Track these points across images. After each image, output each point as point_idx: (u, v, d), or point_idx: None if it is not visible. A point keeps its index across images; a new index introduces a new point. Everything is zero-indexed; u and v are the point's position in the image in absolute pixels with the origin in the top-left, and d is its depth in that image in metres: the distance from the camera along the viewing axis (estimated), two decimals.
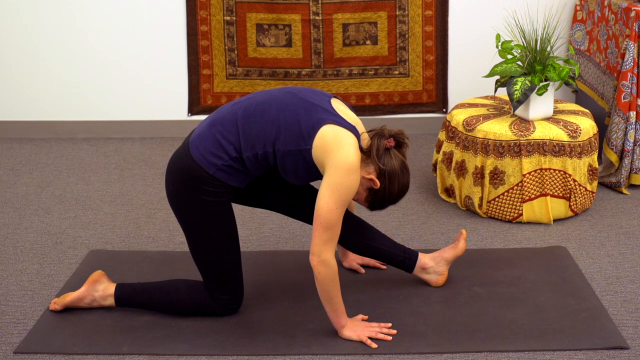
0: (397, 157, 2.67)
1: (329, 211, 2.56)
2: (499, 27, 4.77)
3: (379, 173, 2.65)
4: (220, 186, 2.68)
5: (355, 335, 2.74)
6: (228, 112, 2.71)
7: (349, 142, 2.59)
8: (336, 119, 2.62)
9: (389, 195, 2.69)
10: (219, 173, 2.66)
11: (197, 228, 2.72)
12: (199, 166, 2.65)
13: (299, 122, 2.62)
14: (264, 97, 2.71)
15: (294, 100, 2.67)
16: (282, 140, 2.62)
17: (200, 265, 2.80)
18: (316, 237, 2.59)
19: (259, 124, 2.64)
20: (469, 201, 3.78)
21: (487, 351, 2.69)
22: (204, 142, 2.67)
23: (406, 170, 2.70)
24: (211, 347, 2.72)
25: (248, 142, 2.64)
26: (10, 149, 4.76)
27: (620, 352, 2.69)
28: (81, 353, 2.70)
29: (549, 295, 3.02)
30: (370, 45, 4.81)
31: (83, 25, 4.81)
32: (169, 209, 3.88)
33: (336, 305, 2.70)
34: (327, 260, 2.60)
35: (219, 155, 2.65)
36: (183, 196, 2.70)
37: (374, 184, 2.67)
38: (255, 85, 4.88)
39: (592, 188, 3.77)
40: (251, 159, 2.66)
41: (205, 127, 2.71)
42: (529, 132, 3.62)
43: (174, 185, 2.72)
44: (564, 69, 3.66)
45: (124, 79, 4.89)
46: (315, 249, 2.59)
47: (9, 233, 3.64)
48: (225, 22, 4.78)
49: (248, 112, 2.67)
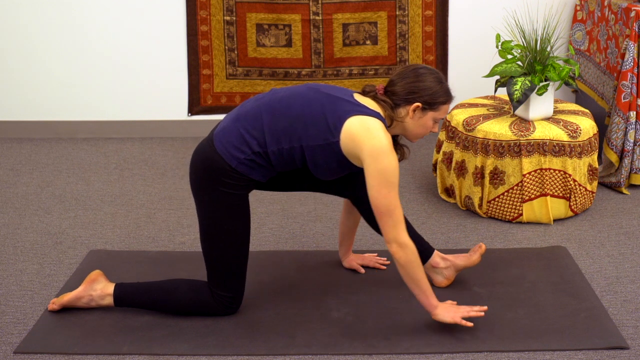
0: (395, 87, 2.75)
1: (384, 197, 2.60)
2: (499, 27, 4.77)
3: (409, 101, 2.71)
4: (240, 179, 2.71)
5: (450, 317, 2.72)
6: (252, 107, 2.74)
7: (376, 127, 2.62)
8: (360, 109, 2.66)
9: (434, 92, 2.72)
10: (240, 167, 2.69)
11: (212, 218, 2.75)
12: (221, 158, 2.69)
13: (324, 115, 2.65)
14: (287, 93, 2.74)
15: (317, 95, 2.70)
16: (309, 135, 2.65)
17: (208, 257, 2.81)
18: (384, 226, 2.63)
19: (284, 119, 2.67)
20: (469, 201, 3.78)
21: (487, 351, 2.69)
22: (228, 136, 2.71)
23: (410, 72, 2.74)
24: (211, 347, 2.72)
25: (273, 136, 2.67)
26: (10, 149, 4.76)
27: (620, 352, 2.69)
28: (81, 353, 2.70)
29: (549, 295, 3.02)
30: (370, 45, 4.81)
31: (83, 25, 4.81)
32: (169, 209, 3.89)
33: (423, 286, 2.70)
34: (403, 242, 2.63)
35: (242, 149, 2.68)
36: (203, 186, 2.74)
37: (418, 107, 2.71)
38: (255, 85, 4.88)
39: (592, 188, 3.77)
40: (276, 153, 2.69)
41: (229, 121, 2.75)
42: (529, 132, 3.62)
43: (196, 175, 2.76)
44: (564, 69, 3.66)
45: (124, 79, 4.89)
46: (389, 237, 2.63)
47: (9, 233, 3.64)
48: (225, 22, 4.78)
49: (272, 107, 2.70)
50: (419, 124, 2.75)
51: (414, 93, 2.71)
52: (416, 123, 2.75)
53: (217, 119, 4.93)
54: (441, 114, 2.76)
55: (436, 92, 2.72)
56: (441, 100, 2.74)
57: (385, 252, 3.36)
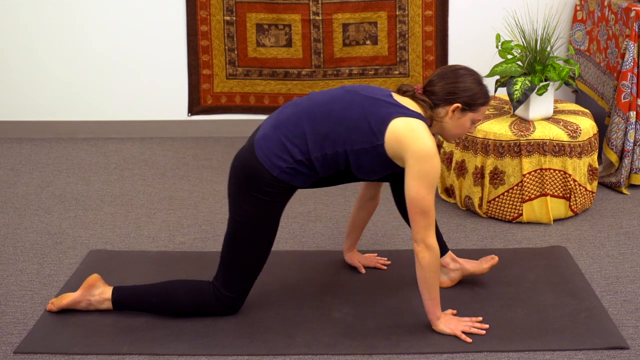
0: (433, 87, 2.73)
1: (422, 199, 2.61)
2: (499, 27, 4.77)
3: (449, 101, 2.71)
4: (280, 187, 2.71)
5: (449, 330, 2.75)
6: (291, 113, 2.73)
7: (421, 128, 2.62)
8: (402, 110, 2.66)
9: (474, 94, 2.72)
10: (282, 175, 2.68)
11: (244, 223, 2.74)
12: (262, 167, 2.68)
13: (367, 118, 2.64)
14: (325, 97, 2.73)
15: (356, 97, 2.70)
16: (352, 139, 2.65)
17: (227, 257, 2.80)
18: (416, 225, 2.64)
19: (326, 124, 2.67)
20: (469, 201, 3.78)
21: (487, 351, 2.69)
22: (269, 144, 2.69)
23: (450, 73, 2.73)
24: (211, 347, 2.72)
25: (316, 143, 2.67)
26: (10, 149, 4.76)
27: (620, 352, 2.69)
28: (81, 353, 2.70)
29: (549, 295, 3.02)
30: (370, 45, 4.81)
31: (83, 25, 4.81)
32: (169, 209, 3.89)
33: (434, 293, 2.72)
34: (431, 245, 2.64)
35: (283, 157, 2.68)
36: (242, 192, 2.72)
37: (457, 107, 2.71)
38: (255, 85, 4.88)
39: (592, 188, 3.77)
40: (320, 159, 2.68)
41: (270, 128, 2.73)
42: (529, 132, 3.62)
43: (236, 180, 2.75)
44: (564, 69, 3.66)
45: (124, 79, 4.89)
46: (418, 236, 2.64)
47: (9, 233, 3.63)
48: (225, 22, 4.78)
49: (312, 113, 2.69)
50: (458, 125, 2.76)
51: (453, 94, 2.70)
52: (455, 123, 2.75)
53: (217, 119, 4.93)
54: (479, 115, 2.76)
55: (476, 93, 2.72)
56: (480, 102, 2.74)
57: (385, 252, 3.36)
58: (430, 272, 2.67)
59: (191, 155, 4.64)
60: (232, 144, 4.83)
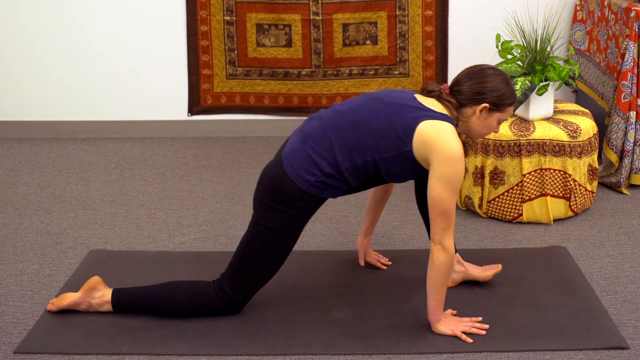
0: (461, 86, 2.72)
1: (444, 201, 2.61)
2: (499, 27, 4.77)
3: (476, 101, 2.70)
4: (310, 201, 2.72)
5: (450, 330, 2.76)
6: (317, 126, 2.73)
7: (448, 131, 2.62)
8: (428, 112, 2.65)
9: (502, 94, 2.71)
10: (311, 189, 2.69)
11: (267, 233, 2.74)
12: (291, 181, 2.69)
13: (393, 125, 2.64)
14: (349, 107, 2.74)
15: (381, 105, 2.70)
16: (381, 147, 2.65)
17: (240, 260, 2.80)
18: (435, 226, 2.64)
19: (353, 134, 2.67)
20: (469, 201, 3.78)
21: (487, 351, 2.69)
22: (297, 158, 2.70)
23: (478, 73, 2.72)
24: (211, 347, 2.72)
25: (345, 154, 2.67)
26: (10, 149, 4.76)
27: (620, 352, 2.69)
28: (81, 353, 2.70)
29: (549, 295, 3.02)
30: (370, 45, 4.81)
31: (83, 25, 4.81)
32: (169, 209, 3.89)
33: (440, 296, 2.73)
34: (448, 247, 2.65)
35: (312, 171, 2.68)
36: (269, 202, 2.72)
37: (485, 107, 2.70)
38: (255, 86, 4.88)
39: (592, 188, 3.77)
40: (350, 170, 2.69)
41: (297, 142, 2.74)
42: (529, 132, 3.62)
43: (264, 193, 2.74)
44: (564, 69, 3.66)
45: (124, 79, 4.89)
46: (436, 237, 2.65)
47: (9, 233, 3.63)
48: (225, 22, 4.78)
49: (338, 124, 2.70)
50: (484, 124, 2.75)
51: (481, 94, 2.70)
52: (482, 123, 2.75)
53: (217, 119, 4.93)
54: (506, 115, 2.76)
55: (504, 93, 2.71)
56: (508, 102, 2.73)
57: (385, 252, 3.36)
58: (441, 273, 2.67)
59: (191, 155, 4.65)
60: (232, 144, 4.83)
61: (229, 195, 4.06)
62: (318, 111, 2.81)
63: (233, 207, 3.90)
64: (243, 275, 2.80)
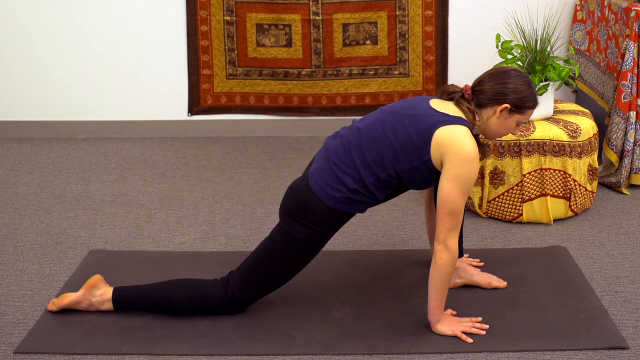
0: (482, 87, 2.73)
1: (453, 201, 2.62)
2: (499, 27, 4.77)
3: (497, 102, 2.70)
4: (336, 218, 2.74)
5: (450, 330, 2.76)
6: (339, 145, 2.77)
7: (462, 133, 2.63)
8: (442, 118, 2.66)
9: (524, 96, 2.71)
10: (337, 205, 2.71)
11: (288, 245, 2.76)
12: (317, 198, 2.72)
13: (410, 137, 2.66)
14: (367, 123, 2.76)
15: (396, 118, 2.72)
16: (400, 159, 2.67)
17: (254, 266, 2.81)
18: (441, 225, 2.65)
19: (372, 150, 2.70)
20: (469, 201, 3.78)
21: (487, 351, 2.69)
22: (323, 175, 2.74)
23: (500, 74, 2.72)
24: (211, 347, 2.72)
25: (367, 169, 2.70)
26: (10, 149, 4.76)
27: (620, 352, 2.69)
28: (81, 353, 2.70)
29: (549, 295, 3.02)
30: (370, 45, 4.81)
31: (83, 25, 4.81)
32: (169, 209, 3.89)
33: (441, 296, 2.73)
34: (451, 247, 2.66)
35: (338, 188, 2.71)
36: (295, 221, 2.75)
37: (506, 108, 2.70)
38: (255, 85, 4.88)
39: (592, 188, 3.77)
40: (375, 184, 2.71)
41: (322, 160, 2.78)
42: (529, 132, 3.62)
43: (290, 208, 2.77)
44: (564, 69, 3.66)
45: (124, 79, 4.89)
46: (441, 236, 2.65)
47: (9, 233, 3.63)
48: (225, 22, 4.79)
49: (358, 141, 2.73)
50: (503, 125, 2.75)
51: (503, 94, 2.70)
52: (501, 124, 2.75)
53: (217, 119, 4.94)
54: (525, 118, 2.76)
55: (526, 96, 2.71)
56: (529, 105, 2.73)
57: (385, 252, 3.36)
58: (443, 274, 2.68)
59: (191, 155, 4.65)
60: (232, 144, 4.83)
61: (229, 195, 4.06)
62: (339, 129, 2.85)
63: (233, 207, 3.90)
64: (255, 278, 2.81)
